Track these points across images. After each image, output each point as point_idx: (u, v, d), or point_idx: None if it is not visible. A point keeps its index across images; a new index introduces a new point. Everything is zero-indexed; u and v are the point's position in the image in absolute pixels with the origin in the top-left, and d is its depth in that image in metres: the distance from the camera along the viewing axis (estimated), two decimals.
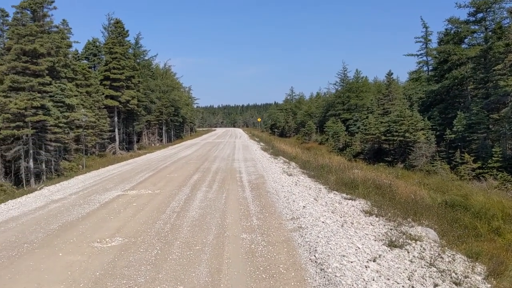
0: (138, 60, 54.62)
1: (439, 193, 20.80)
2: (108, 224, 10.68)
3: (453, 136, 32.57)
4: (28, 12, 30.89)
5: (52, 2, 32.76)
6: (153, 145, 56.96)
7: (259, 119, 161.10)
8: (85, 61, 47.90)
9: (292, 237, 9.16)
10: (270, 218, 10.89)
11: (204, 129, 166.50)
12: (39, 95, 24.43)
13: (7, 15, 35.12)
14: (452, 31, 40.62)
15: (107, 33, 51.75)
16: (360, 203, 13.02)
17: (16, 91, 24.13)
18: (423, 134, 35.72)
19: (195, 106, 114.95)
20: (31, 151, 24.50)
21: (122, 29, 45.53)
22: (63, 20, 38.69)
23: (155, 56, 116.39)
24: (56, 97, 28.81)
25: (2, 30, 35.60)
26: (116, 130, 43.14)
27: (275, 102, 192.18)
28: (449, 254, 8.83)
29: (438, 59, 43.68)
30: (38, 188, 18.09)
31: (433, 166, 31.41)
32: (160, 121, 61.48)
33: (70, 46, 36.41)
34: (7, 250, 8.73)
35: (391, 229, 10.06)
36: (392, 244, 8.78)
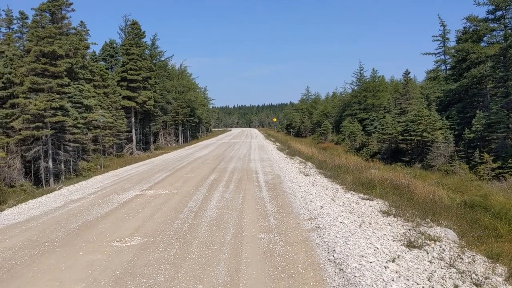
0: (154, 61, 55.04)
1: (458, 193, 20.52)
2: (127, 224, 10.79)
3: (472, 135, 32.12)
4: (47, 14, 31.39)
5: (71, 4, 33.29)
6: (169, 145, 57.32)
7: (274, 119, 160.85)
8: (102, 63, 48.47)
9: (310, 237, 9.14)
10: (288, 218, 10.89)
11: (219, 129, 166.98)
12: (58, 96, 24.76)
13: (27, 18, 35.76)
14: (471, 29, 40.10)
15: (124, 34, 52.27)
16: (377, 203, 12.94)
17: (36, 92, 24.50)
18: (441, 133, 35.30)
19: (210, 106, 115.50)
20: (50, 152, 24.86)
21: (138, 30, 45.93)
22: (81, 22, 39.34)
23: (171, 57, 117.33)
24: (74, 98, 29.19)
25: (22, 32, 36.23)
26: (133, 130, 43.52)
27: (290, 102, 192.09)
28: (469, 255, 8.72)
29: (456, 57, 43.15)
30: (58, 188, 18.34)
31: (451, 166, 31.03)
32: (176, 122, 61.83)
33: (88, 47, 36.89)
34: (29, 248, 8.88)
35: (409, 230, 9.98)
36: (411, 245, 8.71)
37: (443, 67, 54.93)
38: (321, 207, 12.01)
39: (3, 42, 32.64)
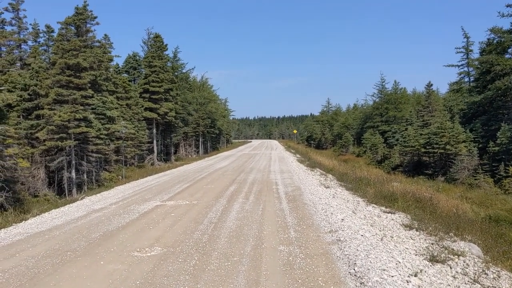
0: (176, 73, 55.62)
1: (482, 207, 20.15)
2: (147, 234, 10.85)
3: (496, 148, 31.49)
4: (72, 28, 32.07)
5: (95, 18, 33.96)
6: (190, 156, 57.62)
7: (295, 131, 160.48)
8: (125, 75, 49.17)
9: (330, 250, 9.04)
10: (308, 231, 10.80)
11: (240, 140, 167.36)
12: (81, 107, 25.20)
13: (53, 31, 36.64)
14: (495, 41, 39.50)
15: (146, 47, 53.07)
16: (399, 216, 12.76)
17: (60, 104, 24.99)
18: (465, 146, 34.69)
19: (231, 118, 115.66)
20: (73, 162, 25.24)
21: (161, 43, 46.52)
22: (105, 35, 39.98)
23: (192, 69, 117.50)
24: (97, 110, 29.65)
25: (48, 45, 37.10)
26: (155, 141, 43.92)
27: (311, 114, 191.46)
28: (494, 271, 8.51)
29: (480, 69, 42.43)
30: (80, 198, 18.58)
31: (475, 179, 30.43)
32: (197, 133, 62.20)
33: (111, 60, 37.53)
34: (51, 257, 8.99)
35: (432, 244, 9.80)
36: (433, 259, 8.54)
37: (466, 79, 54.13)
38: (342, 219, 11.89)
39: (30, 55, 33.45)
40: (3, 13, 33.09)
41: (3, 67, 21.87)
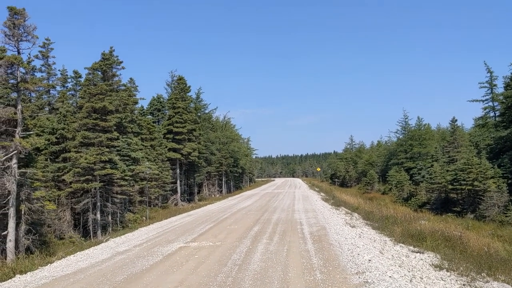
0: (199, 114, 56.44)
1: None
2: (171, 277, 10.75)
3: None
4: (99, 72, 33.10)
5: (121, 62, 35.04)
6: (213, 196, 57.61)
7: (318, 169, 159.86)
8: (149, 116, 50.14)
9: None
10: (334, 272, 10.55)
11: (263, 179, 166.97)
12: (107, 149, 25.65)
13: (80, 76, 37.92)
14: None
15: (170, 89, 54.23)
16: (429, 256, 12.38)
17: (86, 147, 25.50)
18: (493, 182, 33.86)
19: (254, 156, 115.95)
20: (98, 204, 25.49)
21: (184, 85, 47.53)
22: (130, 78, 41.14)
23: (215, 109, 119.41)
24: (122, 151, 30.12)
25: (75, 90, 38.29)
26: (178, 181, 44.17)
27: (334, 151, 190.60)
28: None
29: (505, 104, 41.90)
30: (105, 240, 18.64)
31: (506, 216, 29.51)
32: (220, 172, 62.38)
33: (136, 102, 38.44)
34: None
35: (464, 285, 9.43)
36: None
37: (492, 114, 53.43)
38: (369, 260, 11.59)
39: (58, 100, 34.55)
40: (33, 60, 34.44)
41: (32, 112, 22.52)
